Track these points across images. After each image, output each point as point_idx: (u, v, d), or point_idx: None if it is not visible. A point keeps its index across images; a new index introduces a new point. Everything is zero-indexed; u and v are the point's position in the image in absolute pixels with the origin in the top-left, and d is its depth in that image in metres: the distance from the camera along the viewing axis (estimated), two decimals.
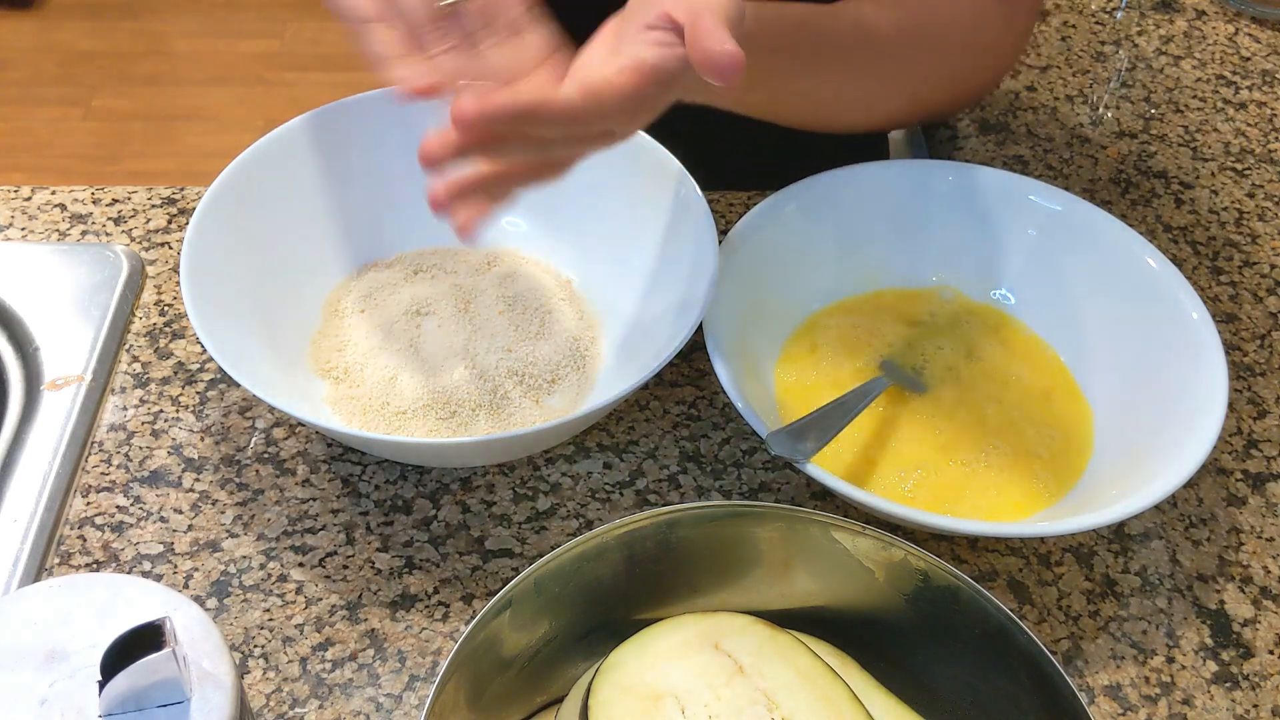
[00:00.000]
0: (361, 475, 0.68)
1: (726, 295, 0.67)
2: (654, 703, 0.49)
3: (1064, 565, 0.66)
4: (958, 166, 0.77)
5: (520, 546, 0.66)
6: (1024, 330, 0.75)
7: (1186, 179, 0.88)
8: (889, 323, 0.75)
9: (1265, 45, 1.00)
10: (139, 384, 0.72)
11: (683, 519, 0.54)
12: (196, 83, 2.40)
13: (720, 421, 0.72)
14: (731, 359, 0.65)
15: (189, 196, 0.83)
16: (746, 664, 0.51)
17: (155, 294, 0.77)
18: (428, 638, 0.62)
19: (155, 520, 0.66)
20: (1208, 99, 0.95)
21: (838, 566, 0.55)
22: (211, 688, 0.46)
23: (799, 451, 0.61)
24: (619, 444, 0.70)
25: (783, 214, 0.73)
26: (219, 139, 2.28)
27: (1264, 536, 0.68)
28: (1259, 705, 0.61)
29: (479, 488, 0.68)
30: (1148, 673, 0.62)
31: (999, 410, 0.70)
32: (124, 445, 0.69)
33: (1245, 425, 0.74)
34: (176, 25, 2.52)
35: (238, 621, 0.62)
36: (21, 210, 0.81)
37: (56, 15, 2.57)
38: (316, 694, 0.59)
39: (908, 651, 0.55)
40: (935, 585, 0.53)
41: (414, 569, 0.64)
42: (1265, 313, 0.80)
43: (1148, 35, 1.00)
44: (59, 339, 0.72)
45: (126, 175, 2.23)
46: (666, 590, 0.55)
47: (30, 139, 2.31)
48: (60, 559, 0.64)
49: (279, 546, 0.65)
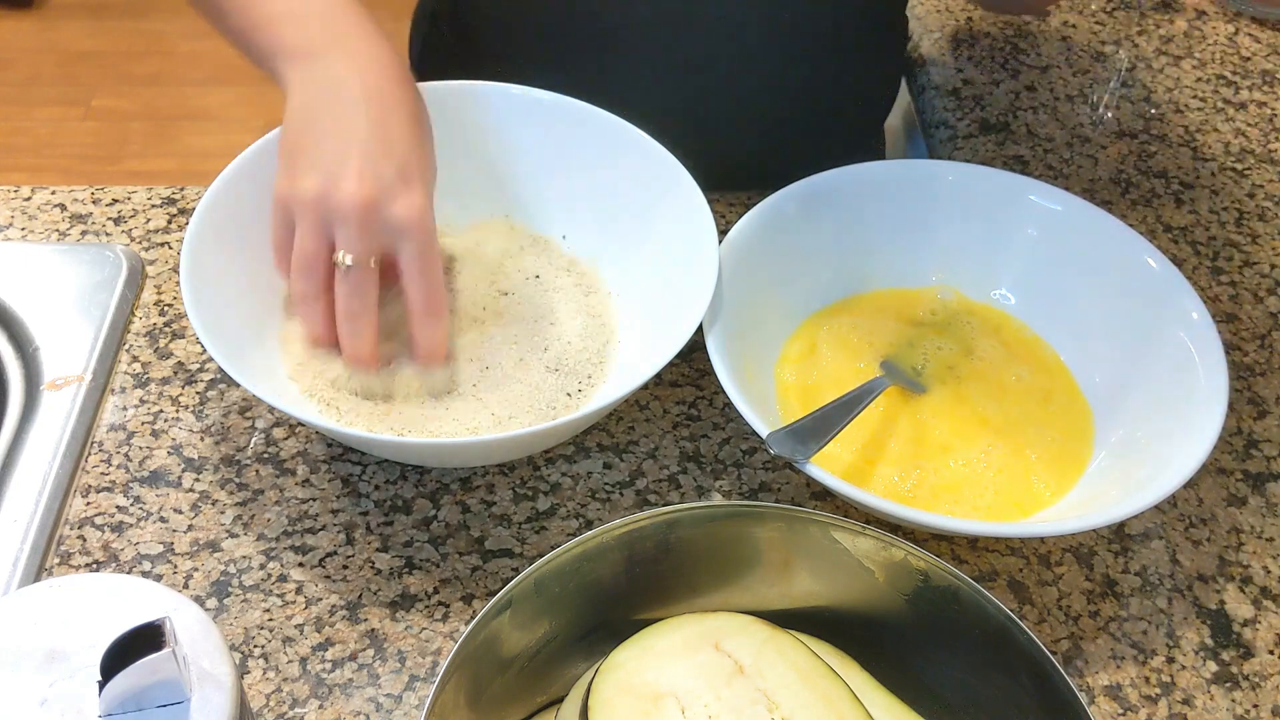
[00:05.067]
0: (361, 475, 0.68)
1: (726, 295, 0.67)
2: (654, 703, 0.49)
3: (1064, 565, 0.66)
4: (958, 166, 0.77)
5: (520, 546, 0.66)
6: (1024, 330, 0.75)
7: (1186, 179, 0.88)
8: (889, 323, 0.75)
9: (1265, 45, 1.00)
10: (139, 384, 0.72)
11: (683, 519, 0.54)
12: (196, 83, 2.40)
13: (720, 421, 0.72)
14: (731, 359, 0.65)
15: (189, 196, 0.83)
16: (746, 664, 0.51)
17: (155, 294, 0.77)
18: (428, 638, 0.62)
19: (155, 520, 0.66)
20: (1208, 99, 0.95)
21: (838, 566, 0.55)
22: (211, 688, 0.46)
23: (799, 451, 0.61)
24: (619, 444, 0.70)
25: (783, 214, 0.73)
26: (219, 139, 2.28)
27: (1264, 536, 0.68)
28: (1259, 705, 0.61)
29: (479, 488, 0.68)
30: (1148, 673, 0.62)
31: (999, 410, 0.70)
32: (124, 445, 0.69)
33: (1245, 425, 0.74)
34: (177, 25, 2.52)
35: (238, 621, 0.62)
36: (21, 210, 0.81)
37: (56, 15, 2.57)
38: (316, 694, 0.59)
39: (908, 651, 0.55)
40: (935, 585, 0.53)
41: (414, 569, 0.64)
42: (1265, 313, 0.80)
43: (1148, 35, 1.00)
44: (59, 339, 0.72)
45: (126, 175, 2.23)
46: (666, 590, 0.55)
47: (30, 139, 2.31)
48: (60, 559, 0.64)
49: (279, 546, 0.65)
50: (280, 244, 0.65)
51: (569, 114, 0.76)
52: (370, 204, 0.61)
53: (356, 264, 0.62)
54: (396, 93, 0.65)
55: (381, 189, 0.62)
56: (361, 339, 0.64)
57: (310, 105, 0.65)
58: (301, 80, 0.66)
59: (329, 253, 0.63)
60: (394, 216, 0.62)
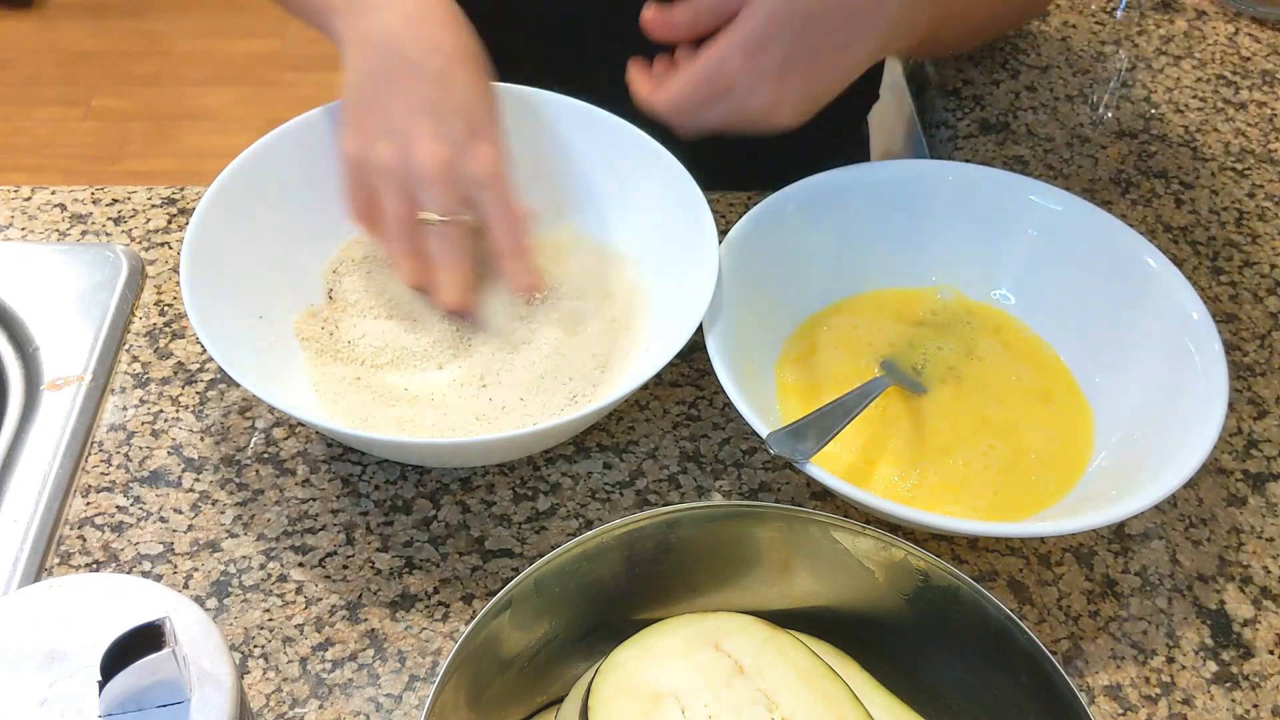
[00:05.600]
0: (361, 475, 0.68)
1: (726, 295, 0.67)
2: (654, 703, 0.49)
3: (1064, 565, 0.66)
4: (958, 166, 0.77)
5: (520, 546, 0.66)
6: (1024, 330, 0.75)
7: (1186, 179, 0.88)
8: (889, 323, 0.75)
9: (1265, 45, 1.00)
10: (139, 384, 0.72)
11: (683, 519, 0.54)
12: (196, 83, 2.40)
13: (720, 421, 0.72)
14: (731, 359, 0.65)
15: (189, 196, 0.83)
16: (746, 664, 0.51)
17: (155, 294, 0.77)
18: (428, 638, 0.62)
19: (155, 520, 0.66)
20: (1208, 99, 0.95)
21: (838, 566, 0.55)
22: (211, 688, 0.46)
23: (799, 451, 0.61)
24: (619, 444, 0.70)
25: (783, 214, 0.73)
26: (219, 139, 2.28)
27: (1264, 536, 0.68)
28: (1259, 705, 0.61)
29: (479, 488, 0.68)
30: (1148, 673, 0.62)
31: (999, 410, 0.70)
32: (124, 445, 0.69)
33: (1245, 425, 0.74)
34: (177, 25, 2.52)
35: (238, 621, 0.62)
36: (21, 210, 0.81)
37: (56, 15, 2.57)
38: (316, 694, 0.59)
39: (908, 651, 0.55)
40: (935, 585, 0.53)
41: (414, 569, 0.64)
42: (1265, 313, 0.80)
43: (1148, 35, 1.00)
44: (59, 339, 0.72)
45: (126, 175, 2.23)
46: (666, 590, 0.55)
47: (30, 139, 2.31)
48: (60, 559, 0.64)
49: (279, 546, 0.65)
50: (356, 200, 0.70)
51: (568, 114, 0.76)
52: (447, 164, 0.66)
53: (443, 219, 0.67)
54: (452, 41, 0.68)
55: (455, 147, 0.66)
56: (455, 288, 0.69)
57: (370, 64, 0.67)
58: (356, 37, 0.68)
59: (415, 210, 0.67)
60: (470, 171, 0.66)
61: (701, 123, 0.68)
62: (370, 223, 0.71)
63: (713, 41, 0.67)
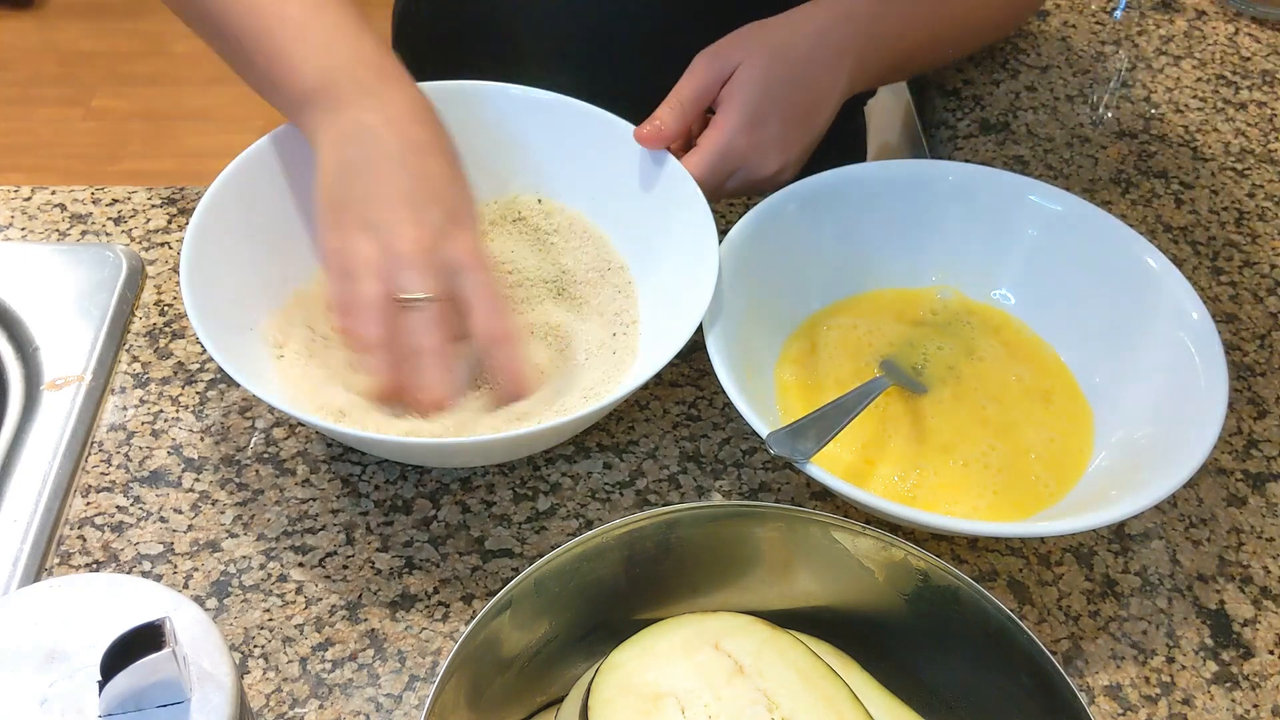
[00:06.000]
0: (361, 475, 0.68)
1: (726, 295, 0.67)
2: (654, 703, 0.49)
3: (1064, 565, 0.66)
4: (958, 166, 0.77)
5: (520, 546, 0.66)
6: (1024, 330, 0.75)
7: (1186, 179, 0.88)
8: (889, 323, 0.75)
9: (1265, 45, 1.00)
10: (139, 384, 0.72)
11: (683, 519, 0.54)
12: (196, 83, 2.40)
13: (720, 421, 0.72)
14: (731, 359, 0.65)
15: (189, 196, 0.83)
16: (746, 664, 0.51)
17: (155, 294, 0.77)
18: (428, 638, 0.62)
19: (155, 520, 0.66)
20: (1208, 99, 0.95)
21: (838, 566, 0.55)
22: (211, 688, 0.46)
23: (799, 451, 0.61)
24: (619, 444, 0.70)
25: (783, 214, 0.73)
26: (219, 139, 2.28)
27: (1264, 536, 0.68)
28: (1259, 705, 0.61)
29: (479, 488, 0.68)
30: (1148, 673, 0.62)
31: (999, 410, 0.70)
32: (124, 445, 0.69)
33: (1245, 425, 0.74)
34: (176, 25, 2.49)
35: (238, 621, 0.62)
36: (21, 210, 0.81)
37: (56, 15, 2.57)
38: (316, 694, 0.59)
39: (908, 651, 0.55)
40: (935, 585, 0.53)
41: (414, 569, 0.64)
42: (1265, 313, 0.80)
43: (1148, 35, 1.00)
44: (59, 339, 0.72)
45: (126, 175, 2.23)
46: (666, 590, 0.55)
47: (30, 139, 2.31)
48: (60, 559, 0.64)
49: (279, 546, 0.65)
50: (338, 297, 0.66)
51: (568, 113, 0.76)
52: (427, 248, 0.64)
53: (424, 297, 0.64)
54: (429, 138, 0.67)
55: (435, 233, 0.64)
56: (435, 378, 0.64)
57: (348, 159, 0.66)
58: (333, 134, 0.67)
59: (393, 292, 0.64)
60: (450, 255, 0.65)
61: (720, 195, 0.76)
62: (350, 317, 0.65)
63: (713, 126, 0.73)
